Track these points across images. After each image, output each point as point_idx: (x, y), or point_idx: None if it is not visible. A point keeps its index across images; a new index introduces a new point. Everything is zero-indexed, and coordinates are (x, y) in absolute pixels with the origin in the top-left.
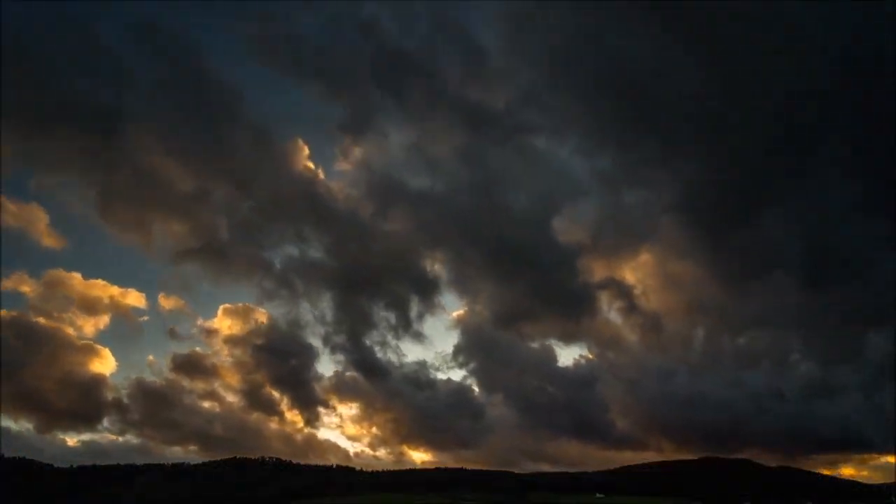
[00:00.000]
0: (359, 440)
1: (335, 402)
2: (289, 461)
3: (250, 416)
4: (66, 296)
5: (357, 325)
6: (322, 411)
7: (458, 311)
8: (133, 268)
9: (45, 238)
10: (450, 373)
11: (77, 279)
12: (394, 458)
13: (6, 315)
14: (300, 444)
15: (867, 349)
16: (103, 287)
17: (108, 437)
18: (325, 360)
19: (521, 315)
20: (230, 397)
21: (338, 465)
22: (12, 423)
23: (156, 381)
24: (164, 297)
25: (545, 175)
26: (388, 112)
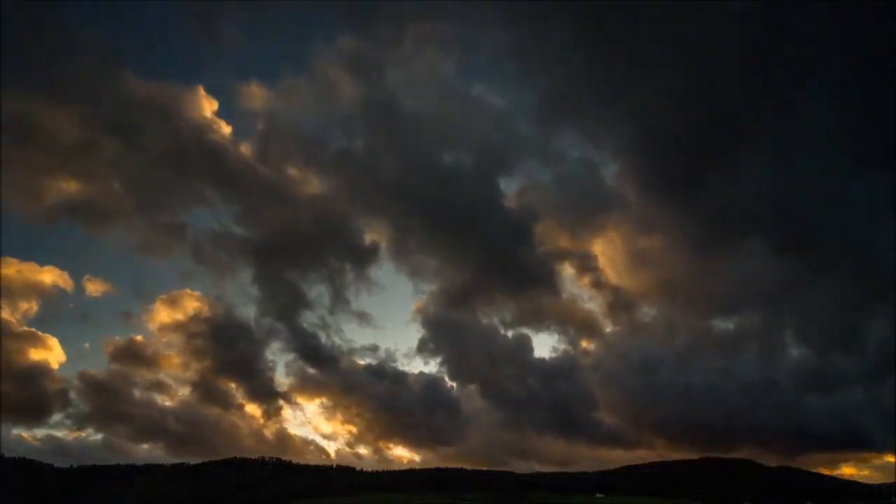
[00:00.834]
0: (334, 438)
1: (296, 397)
2: (289, 461)
3: (209, 411)
4: None
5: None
6: (282, 404)
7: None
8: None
9: None
10: (410, 365)
11: None
12: (377, 456)
13: None
14: (272, 441)
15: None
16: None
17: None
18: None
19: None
20: (182, 390)
21: (338, 465)
22: None
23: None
24: (90, 280)
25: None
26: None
